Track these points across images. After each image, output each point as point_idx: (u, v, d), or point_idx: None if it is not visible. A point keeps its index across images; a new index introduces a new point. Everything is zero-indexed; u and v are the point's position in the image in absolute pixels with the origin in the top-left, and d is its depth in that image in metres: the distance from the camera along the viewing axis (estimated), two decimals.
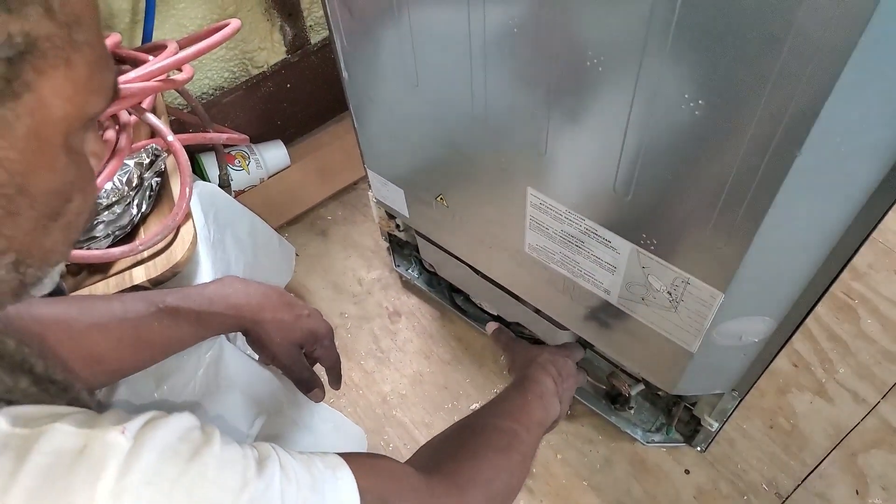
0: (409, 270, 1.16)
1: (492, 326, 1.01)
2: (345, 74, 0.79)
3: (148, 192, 0.76)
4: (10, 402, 0.33)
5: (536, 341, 0.97)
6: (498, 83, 0.59)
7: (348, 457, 0.42)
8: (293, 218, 1.31)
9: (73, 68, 0.30)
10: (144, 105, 0.80)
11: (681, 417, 0.92)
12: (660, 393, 0.93)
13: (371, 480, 0.41)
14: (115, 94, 0.34)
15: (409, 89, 0.70)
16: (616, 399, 0.95)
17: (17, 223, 0.31)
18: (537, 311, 0.88)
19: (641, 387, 0.88)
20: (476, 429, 0.67)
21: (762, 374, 0.68)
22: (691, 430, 0.92)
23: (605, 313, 0.73)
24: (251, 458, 0.35)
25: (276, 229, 1.06)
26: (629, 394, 0.88)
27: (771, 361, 0.66)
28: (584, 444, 0.98)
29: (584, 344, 0.93)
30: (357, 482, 0.39)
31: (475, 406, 1.04)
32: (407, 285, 1.19)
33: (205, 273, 0.71)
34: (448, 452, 0.61)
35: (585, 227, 0.64)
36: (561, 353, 0.88)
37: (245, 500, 0.32)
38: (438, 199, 0.83)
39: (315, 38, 1.30)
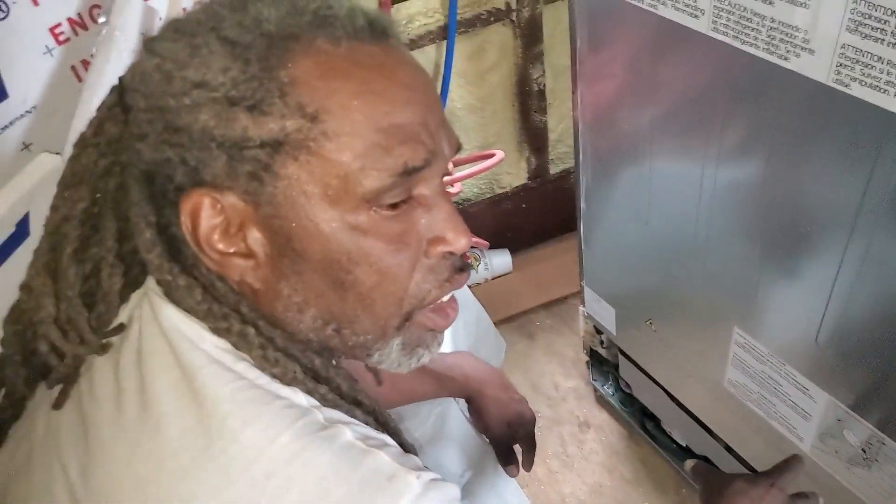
0: (605, 387, 1.24)
1: (690, 464, 0.93)
2: (583, 205, 0.94)
3: None
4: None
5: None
6: (720, 231, 0.70)
7: None
8: (505, 318, 1.46)
9: (327, 154, 0.36)
10: None
11: None
12: None
13: None
14: (413, 173, 0.38)
15: (638, 225, 0.82)
16: None
17: (305, 282, 0.39)
18: (728, 449, 0.91)
19: None
20: None
21: None
22: None
23: None
24: None
25: None
26: None
27: None
28: None
29: None
30: None
31: None
32: (600, 400, 1.26)
33: (447, 342, 0.88)
34: None
35: (785, 371, 0.70)
36: (764, 482, 0.71)
37: None
38: (647, 322, 0.93)
39: (554, 169, 1.50)
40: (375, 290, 0.40)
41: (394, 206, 0.39)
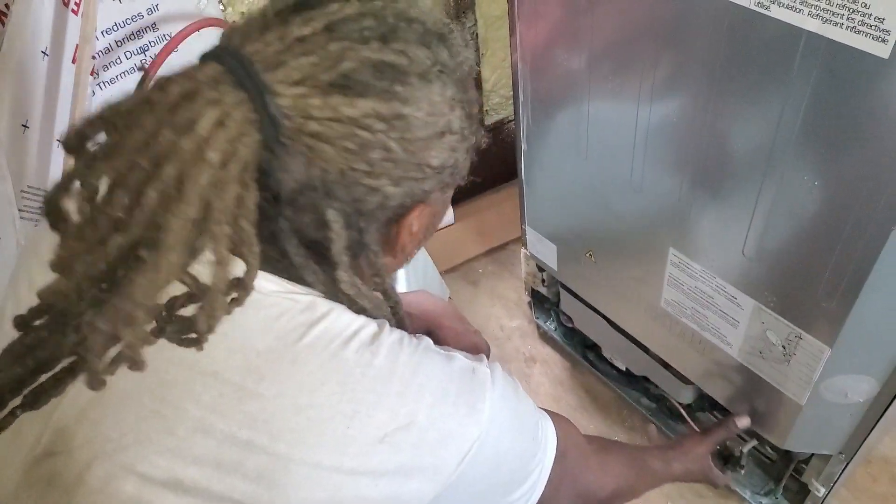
0: (548, 323, 1.31)
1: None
2: (524, 146, 0.99)
3: None
4: None
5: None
6: (655, 161, 0.76)
7: (548, 411, 0.61)
8: (450, 268, 1.51)
9: (433, 206, 0.49)
10: None
11: (789, 486, 0.99)
12: (771, 458, 1.00)
13: (561, 432, 0.59)
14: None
15: (578, 161, 0.87)
16: (728, 459, 1.03)
17: (417, 242, 0.53)
18: (665, 366, 1.00)
19: (754, 442, 0.95)
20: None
21: (867, 437, 0.76)
22: (799, 500, 0.98)
23: (726, 367, 0.84)
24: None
25: None
26: (741, 451, 0.96)
27: (875, 425, 0.74)
28: (695, 497, 1.06)
29: (703, 406, 1.03)
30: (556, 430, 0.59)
31: None
32: (543, 336, 1.34)
33: (399, 286, 0.91)
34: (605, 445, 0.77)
35: (716, 284, 0.77)
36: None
37: (535, 421, 0.55)
38: (587, 255, 0.99)
39: (488, 120, 1.53)
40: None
41: None
